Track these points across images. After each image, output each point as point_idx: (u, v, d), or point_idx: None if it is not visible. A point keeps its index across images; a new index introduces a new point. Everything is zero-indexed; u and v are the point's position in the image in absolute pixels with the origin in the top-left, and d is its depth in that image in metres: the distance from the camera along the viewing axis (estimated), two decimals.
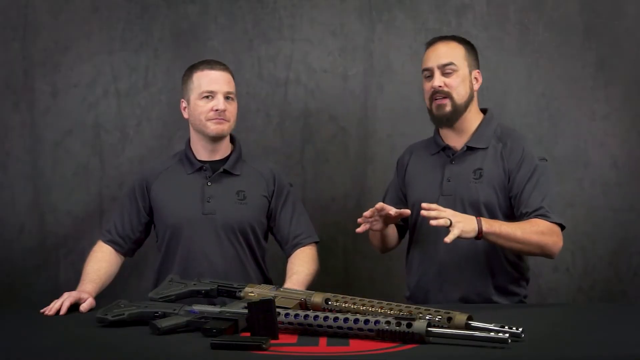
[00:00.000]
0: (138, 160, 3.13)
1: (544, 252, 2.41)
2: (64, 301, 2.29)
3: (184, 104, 2.60)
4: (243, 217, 2.57)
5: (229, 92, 2.56)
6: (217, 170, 2.59)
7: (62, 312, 2.27)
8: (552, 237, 2.39)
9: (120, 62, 3.15)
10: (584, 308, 2.78)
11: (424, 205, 2.28)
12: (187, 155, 2.62)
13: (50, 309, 2.27)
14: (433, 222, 2.25)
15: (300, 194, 2.97)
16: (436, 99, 2.49)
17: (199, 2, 3.15)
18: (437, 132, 2.58)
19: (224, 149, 2.62)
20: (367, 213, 2.40)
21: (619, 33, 3.13)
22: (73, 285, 2.50)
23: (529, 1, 3.14)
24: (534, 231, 2.36)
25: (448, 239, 2.22)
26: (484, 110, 2.57)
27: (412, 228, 2.59)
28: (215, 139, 2.58)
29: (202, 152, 2.61)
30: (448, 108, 2.49)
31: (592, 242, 3.14)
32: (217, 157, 2.61)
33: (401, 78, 3.16)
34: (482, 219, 2.32)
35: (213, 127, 2.54)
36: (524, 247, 2.37)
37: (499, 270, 2.48)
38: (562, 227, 2.42)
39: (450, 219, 2.24)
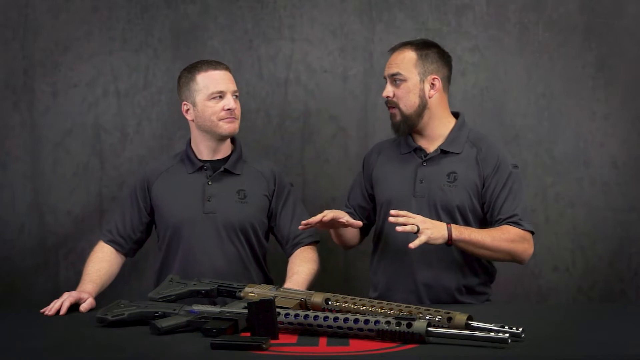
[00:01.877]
0: (138, 160, 3.13)
1: (513, 259, 2.45)
2: (64, 301, 2.29)
3: (186, 107, 2.59)
4: (244, 216, 2.57)
5: (235, 91, 2.57)
6: (218, 169, 2.59)
7: (62, 312, 2.27)
8: (523, 244, 2.42)
9: (120, 62, 3.15)
10: (584, 308, 2.78)
11: (392, 212, 2.31)
12: (188, 155, 2.62)
13: (50, 309, 2.27)
14: (399, 229, 2.28)
15: (300, 194, 2.97)
16: (388, 108, 2.55)
17: (199, 2, 3.15)
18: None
19: (225, 149, 2.62)
20: (312, 220, 2.37)
21: (619, 33, 3.13)
22: (73, 285, 2.50)
23: (529, 1, 3.14)
24: (504, 238, 2.39)
25: (413, 244, 2.26)
26: (456, 114, 2.58)
27: (380, 228, 2.59)
28: (225, 138, 2.58)
29: (204, 151, 2.61)
30: (398, 117, 2.53)
31: (592, 242, 3.14)
32: (219, 156, 2.61)
33: None
34: (452, 225, 2.35)
35: (226, 127, 2.55)
36: (493, 254, 2.41)
37: (470, 272, 2.50)
38: (532, 234, 2.46)
39: (418, 226, 2.27)
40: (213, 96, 2.54)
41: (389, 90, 2.53)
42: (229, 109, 2.53)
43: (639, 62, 3.13)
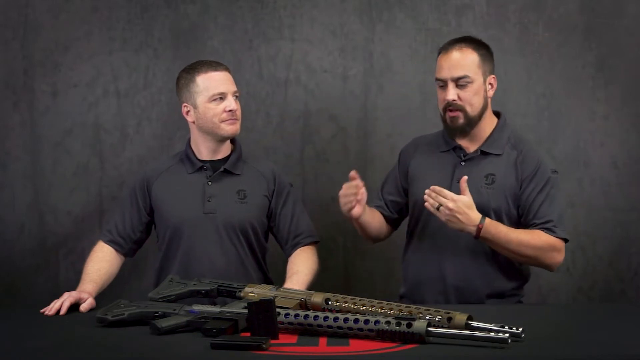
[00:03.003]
0: (138, 160, 3.13)
1: (539, 265, 2.44)
2: (64, 301, 2.29)
3: (186, 108, 2.58)
4: (244, 216, 2.57)
5: (236, 92, 2.57)
6: (218, 169, 2.59)
7: (62, 312, 2.26)
8: (551, 252, 2.39)
9: (120, 62, 3.15)
10: (584, 308, 2.78)
11: (434, 187, 2.32)
12: (188, 155, 2.62)
13: (50, 309, 2.27)
14: (427, 205, 2.32)
15: (300, 194, 2.97)
16: (450, 111, 2.45)
17: (199, 2, 3.15)
18: None
19: (225, 149, 2.62)
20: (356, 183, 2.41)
21: (619, 33, 3.13)
22: (73, 285, 2.50)
23: (529, 1, 3.14)
24: (531, 245, 2.37)
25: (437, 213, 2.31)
26: (497, 113, 2.55)
27: (414, 225, 2.57)
28: (226, 139, 2.58)
29: (204, 152, 2.61)
30: (461, 121, 2.45)
31: (592, 242, 3.14)
32: (219, 156, 2.61)
33: (401, 78, 3.16)
34: (486, 221, 2.33)
35: (228, 128, 2.54)
36: (518, 256, 2.39)
37: (503, 275, 2.47)
38: (566, 241, 2.43)
39: (442, 205, 2.30)
40: (214, 98, 2.53)
41: (453, 93, 2.42)
42: (230, 111, 2.53)
43: (639, 62, 3.13)
